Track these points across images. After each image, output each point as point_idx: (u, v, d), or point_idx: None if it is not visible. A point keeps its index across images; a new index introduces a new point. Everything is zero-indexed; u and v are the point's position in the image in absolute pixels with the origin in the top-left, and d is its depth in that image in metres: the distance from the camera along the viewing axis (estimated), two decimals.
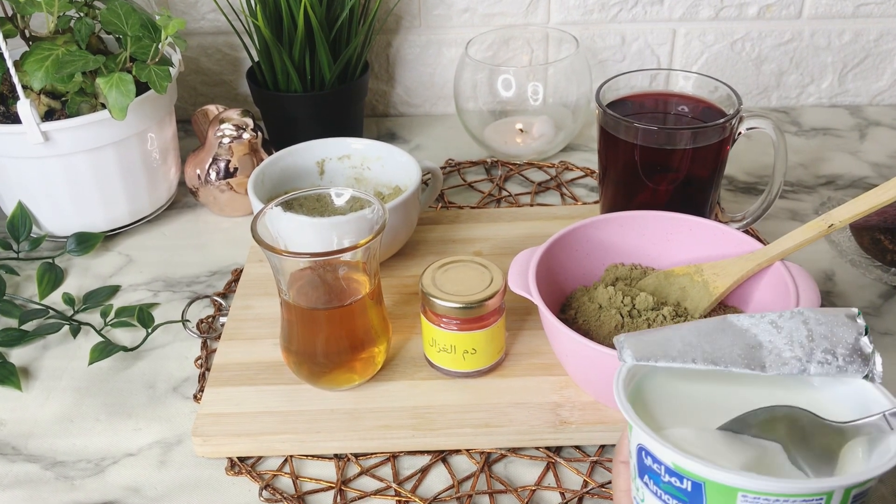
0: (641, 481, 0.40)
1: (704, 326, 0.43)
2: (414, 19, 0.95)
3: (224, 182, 0.79)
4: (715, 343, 0.42)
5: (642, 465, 0.40)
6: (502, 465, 0.56)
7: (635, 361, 0.42)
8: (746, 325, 0.43)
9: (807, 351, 0.42)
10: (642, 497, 0.41)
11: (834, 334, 0.42)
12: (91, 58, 0.69)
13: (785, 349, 0.42)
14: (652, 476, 0.39)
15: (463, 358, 0.58)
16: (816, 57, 0.96)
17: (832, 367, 0.41)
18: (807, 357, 0.41)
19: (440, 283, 0.57)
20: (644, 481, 0.40)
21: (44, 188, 0.74)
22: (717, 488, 0.36)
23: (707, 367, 0.41)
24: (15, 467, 0.57)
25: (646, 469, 0.40)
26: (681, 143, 0.65)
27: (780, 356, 0.42)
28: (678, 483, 0.38)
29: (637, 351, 0.42)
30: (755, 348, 0.42)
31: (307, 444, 0.56)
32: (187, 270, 0.75)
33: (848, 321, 0.42)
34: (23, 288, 0.74)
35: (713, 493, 0.37)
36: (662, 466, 0.38)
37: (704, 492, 0.37)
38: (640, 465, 0.40)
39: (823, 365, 0.41)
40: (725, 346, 0.42)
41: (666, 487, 0.39)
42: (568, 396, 0.58)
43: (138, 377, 0.64)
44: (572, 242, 0.62)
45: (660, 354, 0.42)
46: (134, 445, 0.58)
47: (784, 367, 0.41)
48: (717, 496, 0.37)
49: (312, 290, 0.58)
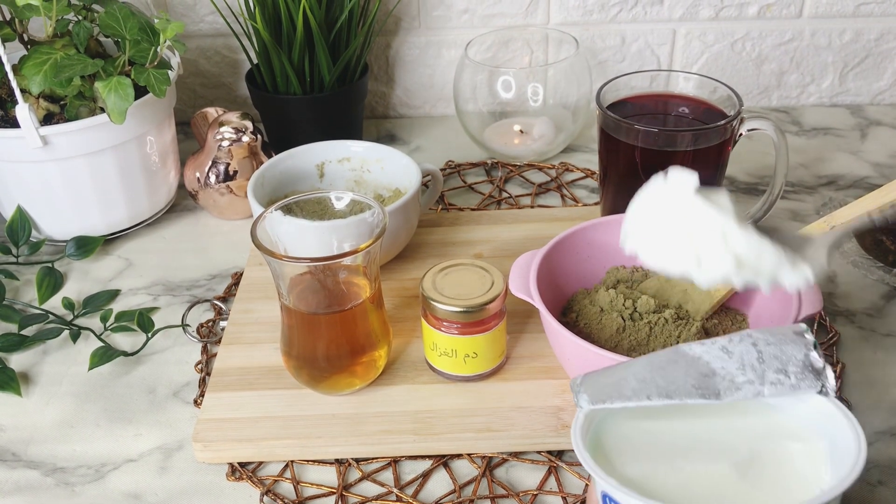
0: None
1: (657, 359, 0.44)
2: (413, 21, 0.94)
3: (224, 185, 0.79)
4: (668, 376, 0.43)
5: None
6: (504, 470, 0.56)
7: (591, 406, 0.43)
8: (698, 353, 0.43)
9: (759, 373, 0.42)
10: None
11: (784, 353, 0.42)
12: (90, 62, 0.69)
13: (738, 374, 0.42)
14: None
15: (464, 362, 0.58)
16: (817, 56, 0.95)
17: (785, 386, 0.42)
18: (759, 379, 0.42)
19: (441, 286, 0.57)
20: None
21: (43, 192, 0.74)
22: None
23: (662, 402, 0.42)
24: (15, 474, 0.57)
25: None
26: (681, 144, 0.65)
27: (734, 381, 0.42)
28: None
29: (592, 395, 0.43)
30: (708, 376, 0.42)
31: (308, 449, 0.56)
32: (187, 274, 0.75)
33: (796, 338, 0.43)
34: (22, 292, 0.74)
35: None
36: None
37: None
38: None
39: (777, 385, 0.42)
40: (679, 377, 0.43)
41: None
42: (569, 400, 0.57)
43: (138, 382, 0.64)
44: (573, 245, 0.62)
45: (615, 395, 0.43)
46: (134, 451, 0.58)
47: (738, 392, 0.42)
48: None
49: (312, 295, 0.57)
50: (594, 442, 0.44)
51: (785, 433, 0.43)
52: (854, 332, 0.65)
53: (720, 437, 0.44)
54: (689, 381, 0.42)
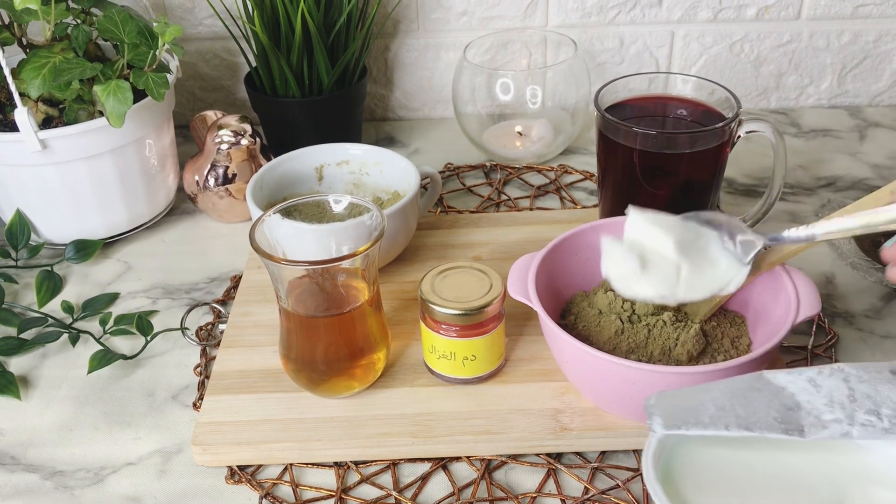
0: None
1: (738, 385, 0.42)
2: (412, 23, 0.94)
3: (223, 188, 0.79)
4: (749, 405, 0.40)
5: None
6: (503, 472, 0.56)
7: (665, 430, 0.40)
8: (783, 383, 0.41)
9: (848, 412, 0.39)
10: None
11: (878, 392, 0.40)
12: (88, 65, 0.69)
13: (825, 411, 0.39)
14: None
15: (463, 364, 0.58)
16: (815, 58, 0.95)
17: (877, 428, 0.39)
18: (849, 419, 0.39)
19: (439, 289, 0.57)
20: None
21: (42, 196, 0.74)
22: None
23: (742, 433, 0.39)
24: (14, 477, 0.57)
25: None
26: (680, 147, 0.65)
27: (820, 419, 0.39)
28: None
29: (667, 419, 0.41)
30: (792, 410, 0.40)
31: (307, 452, 0.56)
32: (186, 277, 0.75)
33: (892, 377, 0.40)
34: (21, 296, 0.74)
35: None
36: None
37: None
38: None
39: (867, 427, 0.39)
40: (761, 408, 0.40)
41: None
42: (568, 402, 0.58)
43: (138, 385, 0.64)
44: (572, 247, 0.62)
45: (691, 421, 0.40)
46: (133, 454, 0.58)
47: (824, 430, 0.39)
48: None
49: (311, 298, 0.57)
50: (665, 469, 0.41)
51: (874, 478, 0.41)
52: (853, 334, 0.65)
53: (802, 474, 0.41)
54: (772, 413, 0.40)
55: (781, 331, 0.52)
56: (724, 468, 0.42)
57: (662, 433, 0.41)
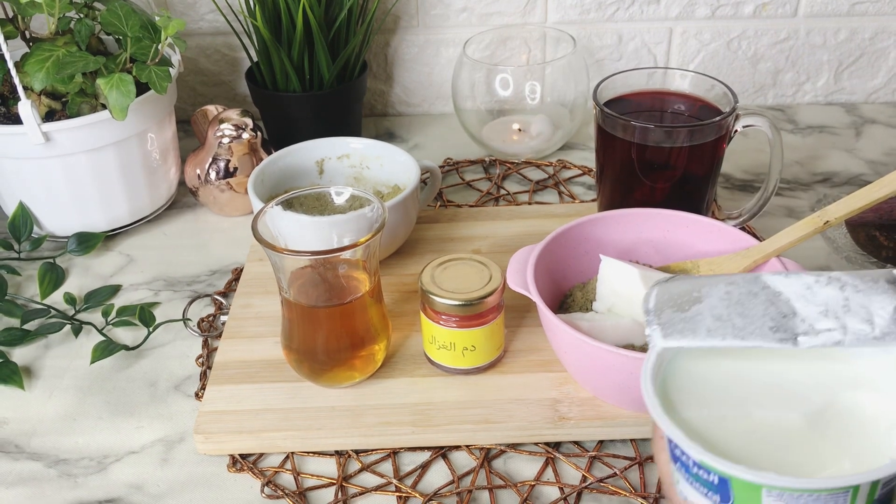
0: (674, 467, 0.40)
1: (736, 291, 0.42)
2: (412, 19, 0.95)
3: (224, 182, 0.79)
4: (746, 314, 0.40)
5: (674, 454, 0.40)
6: (502, 461, 0.57)
7: (664, 343, 0.41)
8: (780, 288, 0.41)
9: (842, 322, 0.40)
10: (677, 480, 0.41)
11: (872, 302, 0.40)
12: (91, 59, 0.69)
13: (819, 319, 0.40)
14: (682, 465, 0.39)
15: (462, 355, 0.59)
16: (812, 55, 0.96)
17: (868, 337, 0.39)
18: (842, 329, 0.39)
19: (439, 280, 0.58)
20: (677, 467, 0.40)
21: (44, 188, 0.74)
22: (743, 484, 0.37)
23: (736, 343, 0.40)
24: (18, 465, 0.57)
25: (677, 458, 0.40)
26: (677, 140, 0.65)
27: (814, 327, 0.39)
28: (706, 476, 0.38)
29: (665, 328, 0.41)
30: (787, 317, 0.40)
31: (308, 441, 0.57)
32: (188, 270, 0.76)
33: (888, 287, 0.40)
34: (24, 288, 0.74)
35: (739, 488, 0.37)
36: (690, 459, 0.39)
37: (731, 486, 0.37)
38: (672, 452, 0.40)
39: (859, 336, 0.39)
40: (757, 316, 0.40)
41: (695, 478, 0.39)
42: (566, 392, 0.58)
43: (140, 376, 0.64)
44: (570, 240, 0.63)
45: (688, 333, 0.41)
46: (136, 443, 0.59)
47: (817, 338, 0.39)
48: (743, 491, 0.37)
49: (313, 288, 0.58)
50: (661, 384, 0.41)
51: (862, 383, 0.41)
52: None
53: (794, 382, 0.41)
54: (767, 321, 0.40)
55: None
56: (719, 379, 0.42)
57: (661, 346, 0.41)
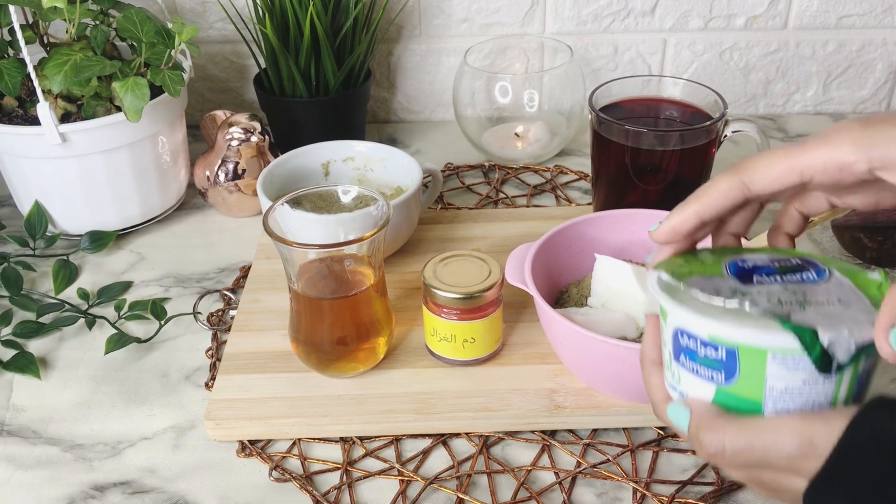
0: (678, 363, 0.42)
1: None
2: (414, 29, 0.98)
3: (232, 183, 0.82)
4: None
5: (678, 347, 0.42)
6: (500, 448, 0.59)
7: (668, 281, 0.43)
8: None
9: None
10: (678, 380, 0.43)
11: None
12: (108, 63, 0.72)
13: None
14: (688, 353, 0.41)
15: (463, 347, 0.61)
16: (802, 66, 0.99)
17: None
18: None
19: (441, 275, 0.61)
20: (680, 362, 0.42)
21: (60, 188, 0.77)
22: (750, 352, 0.39)
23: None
24: (36, 450, 0.60)
25: (681, 349, 0.41)
26: (669, 144, 0.68)
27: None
28: (713, 354, 0.40)
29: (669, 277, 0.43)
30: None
31: (315, 427, 0.59)
32: (197, 268, 0.78)
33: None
34: (39, 283, 0.77)
35: (746, 357, 0.39)
36: (698, 340, 0.40)
37: (738, 357, 0.39)
38: (675, 347, 0.42)
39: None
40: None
41: (702, 361, 0.41)
42: (562, 383, 0.61)
43: (152, 367, 0.67)
44: (566, 239, 0.65)
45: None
46: (149, 430, 0.61)
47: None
48: (749, 360, 0.39)
49: (321, 281, 0.61)
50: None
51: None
52: None
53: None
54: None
55: None
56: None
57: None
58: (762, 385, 0.40)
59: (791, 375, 0.39)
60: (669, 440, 0.59)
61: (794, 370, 0.39)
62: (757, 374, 0.39)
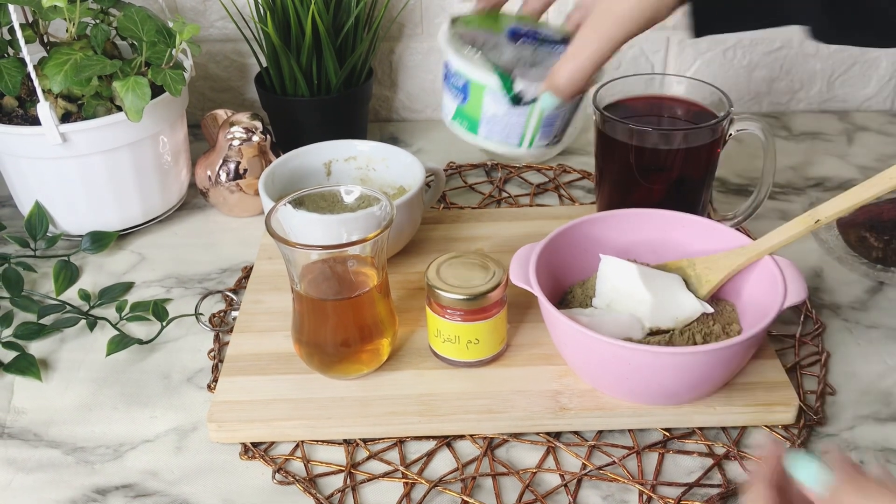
0: (444, 84, 0.59)
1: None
2: (416, 27, 0.98)
3: (234, 183, 0.81)
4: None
5: (445, 74, 0.58)
6: (504, 450, 0.59)
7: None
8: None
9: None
10: (444, 101, 0.60)
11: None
12: (108, 62, 0.72)
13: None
14: (447, 78, 0.58)
15: (466, 348, 0.61)
16: (806, 64, 0.99)
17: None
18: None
19: (445, 276, 0.60)
20: (445, 88, 0.59)
21: (60, 188, 0.77)
22: (475, 86, 0.56)
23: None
24: (38, 452, 0.59)
25: (446, 75, 0.59)
26: (674, 143, 0.68)
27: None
28: (457, 82, 0.57)
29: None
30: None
31: (318, 429, 0.59)
32: (198, 268, 0.78)
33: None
34: (39, 284, 0.76)
35: (473, 89, 0.57)
36: (451, 71, 0.57)
37: (469, 88, 0.57)
38: (444, 73, 0.59)
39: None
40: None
41: (452, 85, 0.58)
42: (567, 384, 0.60)
43: (153, 368, 0.67)
44: (570, 239, 0.65)
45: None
46: (151, 432, 0.61)
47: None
48: (475, 91, 0.57)
49: (323, 282, 0.60)
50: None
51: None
52: (839, 324, 0.69)
53: None
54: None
55: (770, 315, 0.55)
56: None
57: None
58: (480, 108, 0.57)
59: (497, 106, 0.57)
60: (675, 442, 0.58)
61: (499, 103, 0.56)
62: (478, 101, 0.57)
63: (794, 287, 0.57)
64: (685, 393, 0.57)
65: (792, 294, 0.57)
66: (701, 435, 0.59)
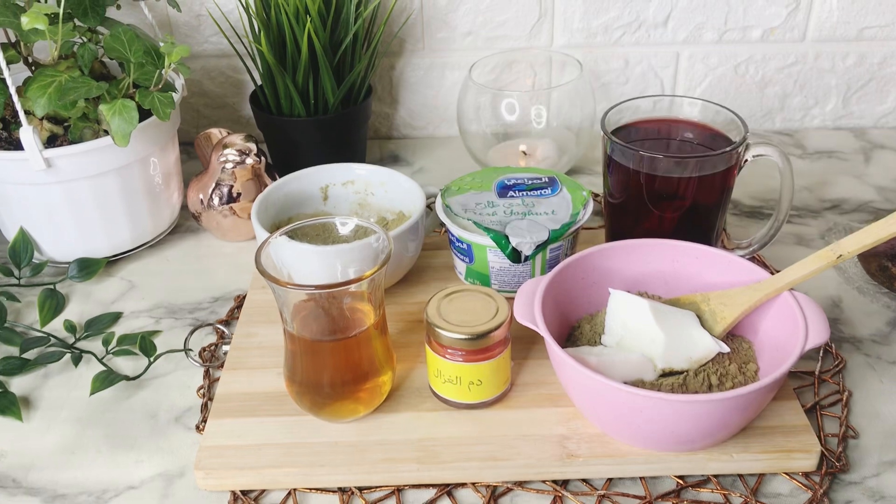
0: (453, 249, 0.69)
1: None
2: (417, 42, 0.94)
3: (227, 207, 0.78)
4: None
5: (451, 243, 0.69)
6: (509, 499, 0.55)
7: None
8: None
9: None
10: (455, 262, 0.70)
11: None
12: (94, 84, 0.68)
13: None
14: (453, 245, 0.69)
15: (468, 389, 0.58)
16: (820, 79, 0.95)
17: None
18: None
19: (445, 313, 0.57)
20: (453, 252, 0.69)
21: (46, 214, 0.74)
22: (477, 247, 0.66)
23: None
24: (15, 501, 0.56)
25: (451, 243, 0.69)
26: (687, 171, 0.65)
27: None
28: (462, 246, 0.67)
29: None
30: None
31: (311, 477, 0.56)
32: (190, 297, 0.75)
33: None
34: (24, 314, 0.73)
35: (476, 250, 0.66)
36: (454, 238, 0.67)
37: (472, 250, 0.66)
38: (450, 242, 0.69)
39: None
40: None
41: (458, 249, 0.68)
42: (575, 428, 0.57)
43: (140, 407, 0.63)
44: (578, 271, 0.62)
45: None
46: (136, 478, 0.58)
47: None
48: (478, 251, 0.66)
49: (316, 322, 0.57)
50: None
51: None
52: (860, 359, 0.65)
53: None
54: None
55: (790, 359, 0.52)
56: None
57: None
58: (487, 265, 0.66)
59: (501, 261, 0.65)
60: (689, 490, 0.55)
61: (502, 258, 0.65)
62: (483, 259, 0.66)
63: (815, 327, 0.54)
64: (700, 440, 0.54)
65: (813, 335, 0.54)
66: (717, 483, 0.55)
